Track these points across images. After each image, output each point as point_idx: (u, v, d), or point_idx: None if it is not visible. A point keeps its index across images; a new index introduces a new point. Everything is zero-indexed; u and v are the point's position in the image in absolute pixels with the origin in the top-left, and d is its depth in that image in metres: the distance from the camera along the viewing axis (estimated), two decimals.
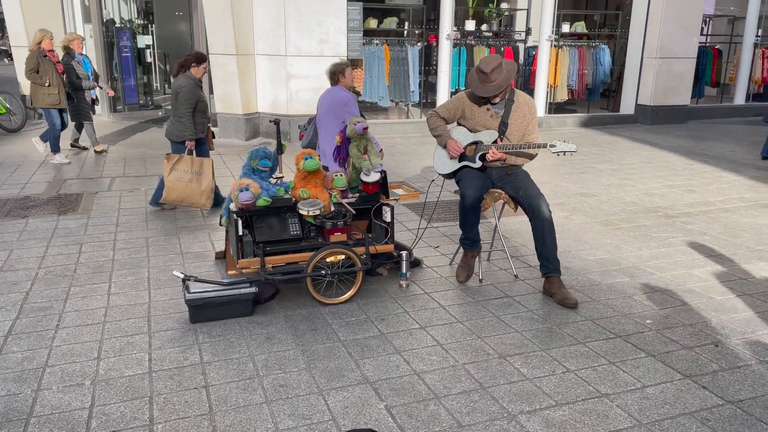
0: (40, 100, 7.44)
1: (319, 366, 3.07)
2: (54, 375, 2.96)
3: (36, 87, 7.37)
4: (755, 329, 3.52)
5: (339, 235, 3.84)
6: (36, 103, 7.50)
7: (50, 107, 7.50)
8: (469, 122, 4.07)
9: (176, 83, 5.49)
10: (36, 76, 7.30)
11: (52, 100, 7.46)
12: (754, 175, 7.55)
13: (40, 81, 7.33)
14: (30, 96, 7.53)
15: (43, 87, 7.35)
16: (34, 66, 7.28)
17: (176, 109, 5.46)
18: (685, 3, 11.03)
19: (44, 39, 7.36)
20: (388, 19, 11.06)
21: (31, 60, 7.30)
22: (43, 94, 7.40)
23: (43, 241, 4.82)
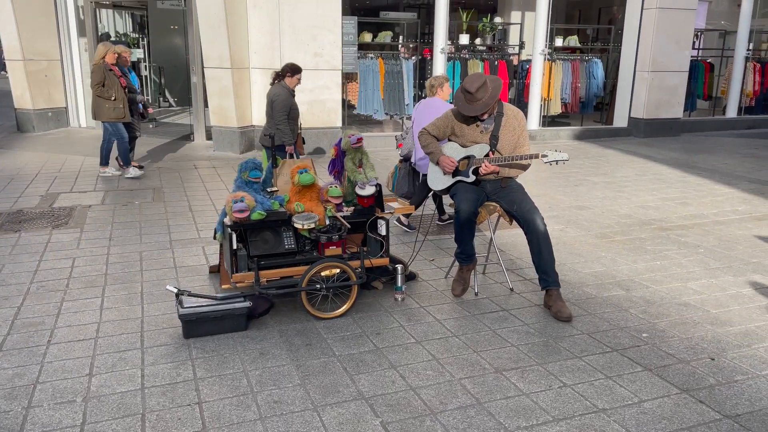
0: (105, 114, 7.40)
1: (314, 381, 3.04)
2: (45, 392, 2.92)
3: (101, 101, 7.34)
4: (751, 342, 3.51)
5: (334, 248, 3.83)
6: (100, 117, 7.46)
7: (115, 121, 7.47)
8: (459, 139, 4.09)
9: (272, 92, 5.91)
10: (102, 89, 7.28)
11: (117, 114, 7.45)
12: (748, 187, 7.59)
13: (107, 95, 7.31)
14: (93, 110, 7.47)
15: (108, 101, 7.34)
16: (101, 80, 7.26)
17: (272, 117, 5.85)
18: (676, 17, 11.14)
19: (108, 53, 7.36)
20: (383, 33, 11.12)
21: (97, 74, 7.28)
22: (108, 107, 7.38)
23: (35, 256, 4.78)
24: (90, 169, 8.07)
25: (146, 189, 7.02)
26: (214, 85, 9.12)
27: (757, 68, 13.06)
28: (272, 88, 6.01)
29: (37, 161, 8.48)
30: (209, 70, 9.06)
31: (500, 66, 11.03)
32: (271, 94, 5.96)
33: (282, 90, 5.91)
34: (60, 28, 10.88)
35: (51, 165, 8.24)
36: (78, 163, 8.42)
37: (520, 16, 13.90)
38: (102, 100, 7.33)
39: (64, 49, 11.00)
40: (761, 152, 10.25)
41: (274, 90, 5.95)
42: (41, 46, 10.60)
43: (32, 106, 10.66)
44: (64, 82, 11.13)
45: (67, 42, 11.02)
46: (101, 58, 7.32)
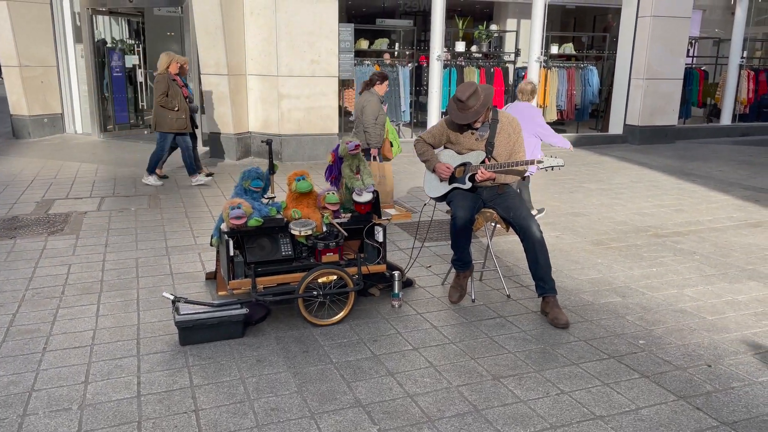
0: (167, 124, 7.38)
1: (311, 389, 3.04)
2: (40, 399, 2.90)
3: (164, 111, 7.30)
4: (747, 349, 3.52)
5: (331, 255, 3.82)
6: (162, 128, 7.41)
7: (177, 131, 7.45)
8: (455, 146, 4.11)
9: (363, 99, 6.31)
10: (167, 99, 7.25)
11: (180, 125, 7.42)
12: (742, 194, 7.62)
13: (170, 105, 7.28)
14: (155, 120, 7.42)
15: (171, 111, 7.31)
16: (165, 89, 7.24)
17: (362, 122, 6.26)
18: (671, 25, 11.22)
19: (171, 63, 7.35)
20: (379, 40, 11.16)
21: (161, 84, 7.25)
22: (171, 118, 7.36)
23: (30, 262, 4.76)
24: (86, 175, 8.05)
25: (142, 195, 7.00)
26: (211, 92, 9.12)
27: (751, 76, 13.15)
28: (363, 95, 6.37)
29: (32, 167, 8.45)
30: (206, 77, 9.07)
31: (496, 73, 11.08)
32: (362, 101, 6.32)
33: (372, 97, 6.31)
34: (56, 34, 10.88)
35: (47, 171, 8.22)
36: (74, 169, 8.40)
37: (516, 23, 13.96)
38: (165, 110, 7.30)
39: (61, 55, 11.00)
40: (756, 159, 10.31)
41: (365, 97, 6.32)
42: (37, 52, 10.59)
43: (28, 113, 10.64)
44: (60, 89, 11.12)
45: (64, 48, 11.02)
46: (165, 69, 7.32)
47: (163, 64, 7.34)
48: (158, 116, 7.36)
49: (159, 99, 7.24)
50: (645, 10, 11.16)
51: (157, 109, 7.33)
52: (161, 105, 7.27)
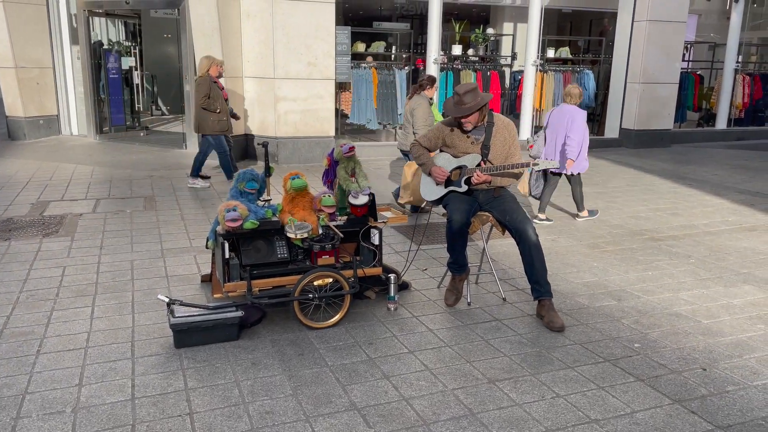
0: (209, 126, 7.43)
1: (306, 392, 3.03)
2: (34, 402, 2.89)
3: (205, 114, 7.37)
4: (742, 353, 3.53)
5: (327, 258, 3.82)
6: (204, 130, 7.47)
7: (218, 133, 7.51)
8: (451, 149, 4.11)
9: (413, 102, 6.46)
10: (209, 102, 7.31)
11: (221, 127, 7.49)
12: (737, 198, 7.65)
13: (212, 107, 7.34)
14: (197, 123, 7.48)
15: (213, 113, 7.37)
16: (207, 92, 7.30)
17: (411, 124, 6.42)
18: (667, 30, 11.26)
19: (212, 66, 7.40)
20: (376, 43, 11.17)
21: (203, 87, 7.31)
22: (213, 120, 7.42)
23: (25, 264, 4.74)
24: (81, 176, 8.03)
25: (138, 197, 6.99)
26: None
27: (746, 80, 13.20)
28: (413, 99, 6.50)
29: (28, 169, 8.43)
30: None
31: (492, 76, 11.10)
32: (413, 105, 6.45)
33: (423, 100, 6.45)
34: (52, 35, 10.85)
35: (42, 173, 8.20)
36: (69, 171, 8.37)
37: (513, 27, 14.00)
38: (207, 113, 7.36)
39: (57, 56, 10.97)
40: (751, 163, 10.35)
41: (416, 101, 6.45)
42: (33, 53, 10.56)
43: (23, 114, 10.60)
44: (56, 90, 11.09)
45: (60, 50, 10.99)
46: (206, 71, 7.38)
47: (204, 67, 7.42)
48: (200, 119, 7.44)
49: (201, 101, 7.31)
50: (641, 14, 11.20)
51: (199, 112, 7.40)
52: (203, 107, 7.35)
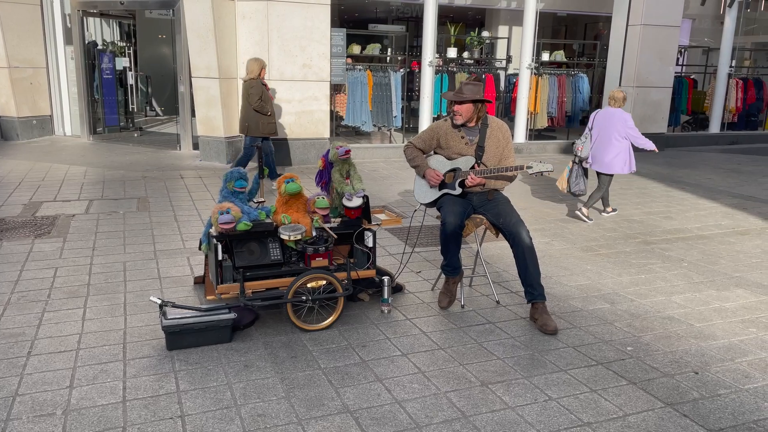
0: (260, 129, 7.51)
1: (299, 395, 3.02)
2: (24, 404, 2.87)
3: (257, 116, 7.43)
4: (734, 356, 3.54)
5: (320, 260, 3.81)
6: (253, 132, 7.53)
7: (267, 135, 7.59)
8: (445, 151, 4.12)
9: None
10: (262, 104, 7.39)
11: (270, 129, 7.58)
12: (731, 202, 7.68)
13: (265, 110, 7.42)
14: (247, 125, 7.52)
15: (265, 116, 7.46)
16: (261, 94, 7.38)
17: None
18: (660, 34, 11.31)
19: (262, 69, 7.51)
20: (372, 45, 11.17)
21: (257, 89, 7.39)
22: (263, 123, 7.50)
23: (16, 265, 4.71)
24: (74, 177, 7.99)
25: (131, 198, 6.96)
26: (202, 95, 9.09)
27: (739, 85, 13.28)
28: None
29: (20, 169, 8.38)
30: (197, 80, 9.03)
31: (487, 79, 11.11)
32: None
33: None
34: (46, 35, 10.81)
35: (34, 173, 8.16)
36: (62, 171, 8.33)
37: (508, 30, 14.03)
38: (259, 115, 7.43)
39: (50, 56, 10.92)
40: (744, 167, 10.40)
41: None
42: (27, 53, 10.52)
43: (17, 114, 10.55)
44: (50, 90, 11.04)
45: (54, 50, 10.95)
46: (258, 74, 7.47)
47: (256, 69, 7.50)
48: (251, 120, 7.50)
49: (256, 104, 7.38)
50: (635, 18, 11.25)
51: (251, 114, 7.46)
52: (255, 109, 7.41)
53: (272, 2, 8.74)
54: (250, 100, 7.40)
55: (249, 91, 7.42)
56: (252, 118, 7.50)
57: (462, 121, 4.02)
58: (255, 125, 7.52)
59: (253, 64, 7.51)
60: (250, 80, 7.48)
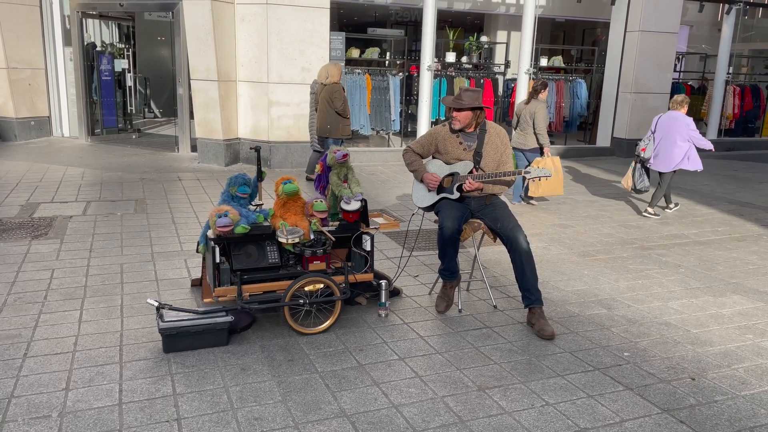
0: (340, 131, 7.69)
1: (296, 398, 3.01)
2: (20, 406, 2.86)
3: (338, 119, 7.60)
4: (731, 363, 3.54)
5: (318, 263, 3.81)
6: (334, 134, 7.69)
7: (342, 137, 7.77)
8: (443, 156, 4.13)
9: (532, 107, 7.13)
10: (345, 107, 7.58)
11: (347, 132, 7.79)
12: (727, 208, 7.70)
13: (346, 113, 7.62)
14: (328, 128, 7.65)
15: (345, 119, 7.64)
16: (343, 98, 7.55)
17: (532, 126, 7.12)
18: (658, 40, 11.35)
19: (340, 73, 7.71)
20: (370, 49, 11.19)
21: (340, 93, 7.55)
22: (343, 125, 7.70)
23: (13, 266, 4.70)
24: (72, 179, 7.98)
25: (128, 200, 6.95)
26: (201, 97, 9.09)
27: (736, 92, 13.33)
28: (531, 103, 7.17)
29: (18, 170, 8.37)
30: (196, 82, 9.04)
31: (486, 84, 11.14)
32: (532, 108, 7.11)
33: (541, 104, 7.14)
34: (45, 36, 10.80)
35: (32, 174, 8.14)
36: (60, 172, 8.32)
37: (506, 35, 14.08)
38: (340, 118, 7.61)
39: (49, 58, 10.91)
40: (740, 174, 10.43)
41: (534, 105, 7.13)
42: (25, 54, 10.51)
43: (14, 115, 10.54)
44: (48, 92, 11.03)
45: (52, 51, 10.94)
46: (338, 79, 7.64)
47: (336, 74, 7.66)
48: (333, 123, 7.66)
49: (341, 107, 7.56)
50: (633, 25, 11.30)
51: (334, 117, 7.63)
52: (338, 112, 7.59)
53: (272, 5, 8.75)
54: (335, 104, 7.58)
55: (332, 95, 7.58)
56: (334, 121, 7.67)
57: (460, 127, 4.03)
58: (335, 127, 7.67)
59: (334, 69, 7.69)
60: (332, 84, 7.64)
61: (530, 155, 7.27)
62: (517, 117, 7.40)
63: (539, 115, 7.08)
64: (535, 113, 7.10)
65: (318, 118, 7.79)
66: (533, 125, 7.12)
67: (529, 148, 7.25)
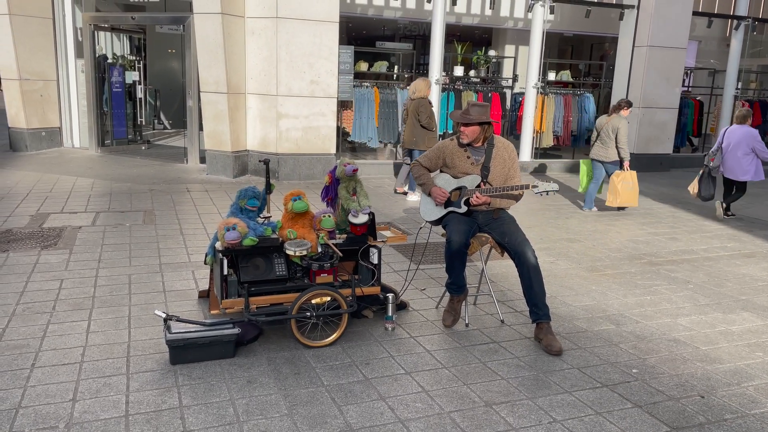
0: (425, 143, 7.98)
1: (302, 412, 3.00)
2: (27, 417, 2.86)
3: (424, 132, 7.93)
4: (740, 381, 3.51)
5: (325, 276, 3.81)
6: (419, 146, 8.01)
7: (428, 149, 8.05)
8: (451, 170, 4.14)
9: (614, 121, 7.68)
10: (430, 121, 7.89)
11: (433, 144, 7.91)
12: (736, 224, 7.66)
13: (431, 126, 7.94)
14: (413, 139, 8.03)
15: (431, 131, 7.95)
16: (429, 112, 7.89)
17: (614, 140, 7.69)
18: (667, 55, 11.36)
19: (428, 88, 8.10)
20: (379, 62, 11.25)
21: (427, 107, 7.91)
22: (429, 137, 8.00)
23: (22, 276, 4.73)
24: (81, 189, 8.04)
25: (137, 211, 6.99)
26: (210, 110, 9.16)
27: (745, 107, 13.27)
28: (613, 118, 7.73)
29: (28, 181, 8.44)
30: (206, 95, 9.11)
31: (494, 98, 11.17)
32: (615, 123, 7.67)
33: (623, 120, 7.72)
34: (57, 48, 10.93)
35: (42, 185, 8.21)
36: (70, 183, 8.39)
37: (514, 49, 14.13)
38: (426, 131, 7.92)
39: (61, 69, 11.04)
40: (749, 190, 10.36)
41: (617, 120, 7.69)
42: (37, 66, 10.63)
43: (26, 126, 10.65)
44: (59, 103, 11.14)
45: (64, 63, 11.06)
46: (426, 93, 7.99)
47: (424, 89, 8.00)
48: (418, 136, 8.00)
49: (425, 121, 7.88)
50: (641, 40, 11.32)
51: (419, 130, 7.95)
52: (423, 126, 7.90)
53: (281, 19, 8.83)
54: (420, 118, 7.88)
55: (419, 109, 7.90)
56: (420, 134, 7.98)
57: (468, 141, 4.04)
58: (422, 140, 7.98)
59: (422, 84, 8.01)
60: (419, 99, 7.95)
61: (611, 167, 7.81)
62: (597, 131, 7.96)
63: (622, 131, 7.64)
64: (618, 128, 7.65)
65: (405, 131, 8.20)
66: (615, 139, 7.68)
67: (610, 161, 7.79)
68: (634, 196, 7.81)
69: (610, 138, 7.72)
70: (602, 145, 7.85)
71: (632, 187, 7.78)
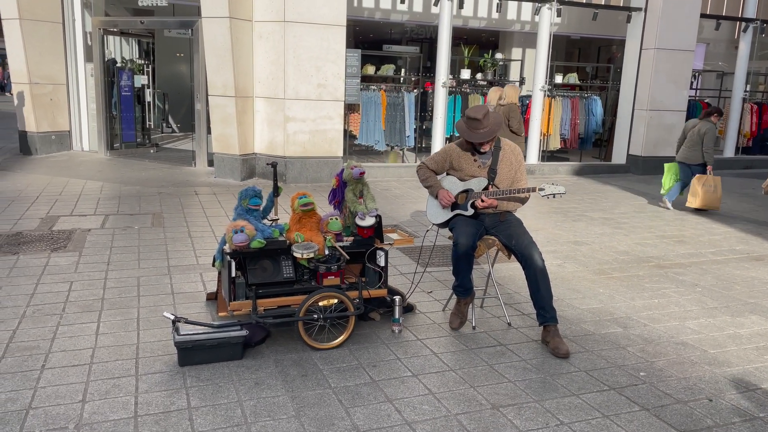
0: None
1: (309, 414, 3.02)
2: (37, 417, 2.89)
3: (514, 137, 7.94)
4: (749, 384, 3.50)
5: (332, 278, 3.83)
6: None
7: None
8: (458, 173, 4.14)
9: (702, 125, 8.14)
10: (520, 127, 7.95)
11: (522, 148, 8.20)
12: (745, 227, 7.62)
13: (521, 131, 8.00)
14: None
15: (519, 137, 8.00)
16: (519, 118, 7.97)
17: (700, 144, 8.12)
18: (675, 58, 11.33)
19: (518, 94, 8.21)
20: (386, 65, 11.28)
21: (516, 114, 7.96)
22: (518, 143, 8.01)
23: (32, 278, 4.77)
24: (91, 192, 8.10)
25: (146, 214, 7.04)
26: (218, 113, 9.21)
27: (754, 109, 13.23)
28: (702, 122, 8.18)
29: (38, 184, 8.51)
30: (213, 98, 9.16)
31: None
32: (703, 127, 8.11)
33: (711, 125, 8.12)
34: (67, 52, 11.02)
35: (52, 188, 8.28)
36: (79, 186, 8.45)
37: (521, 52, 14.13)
38: (515, 136, 7.96)
39: (71, 73, 11.13)
40: (758, 192, 10.30)
41: (705, 124, 8.13)
42: (48, 70, 10.73)
43: (36, 129, 10.73)
44: (69, 106, 11.23)
45: (74, 67, 11.15)
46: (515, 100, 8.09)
47: (513, 95, 8.07)
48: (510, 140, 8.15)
49: (516, 126, 7.95)
50: (649, 42, 11.29)
51: (508, 135, 7.97)
52: (513, 131, 7.96)
53: (289, 23, 8.87)
54: (511, 123, 7.93)
55: (509, 115, 7.94)
56: (510, 139, 8.00)
57: (488, 147, 4.04)
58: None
59: (511, 90, 8.10)
60: (509, 104, 8.00)
61: (696, 169, 8.20)
62: (684, 134, 8.35)
63: (708, 136, 8.00)
64: (705, 133, 8.02)
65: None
66: (702, 143, 8.05)
67: (696, 163, 8.17)
68: (716, 200, 8.08)
69: (697, 142, 8.08)
70: (687, 148, 8.22)
71: (714, 191, 8.06)
